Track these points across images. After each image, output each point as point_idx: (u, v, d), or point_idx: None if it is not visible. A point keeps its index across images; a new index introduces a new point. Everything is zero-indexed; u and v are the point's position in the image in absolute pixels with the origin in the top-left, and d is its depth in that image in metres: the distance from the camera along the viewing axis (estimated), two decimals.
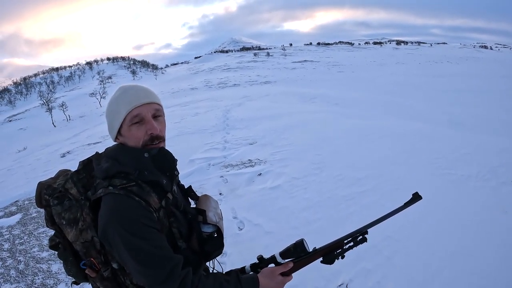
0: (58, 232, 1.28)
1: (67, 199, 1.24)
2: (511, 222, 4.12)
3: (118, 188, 1.16)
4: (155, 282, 1.12)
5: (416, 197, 1.36)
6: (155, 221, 1.17)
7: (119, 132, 1.29)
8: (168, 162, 1.31)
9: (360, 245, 1.35)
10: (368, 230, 1.34)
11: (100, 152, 1.34)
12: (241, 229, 4.43)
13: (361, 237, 1.33)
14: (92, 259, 1.21)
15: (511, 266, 3.31)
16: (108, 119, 1.32)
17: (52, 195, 1.25)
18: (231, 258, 3.72)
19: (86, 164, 1.33)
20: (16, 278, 3.84)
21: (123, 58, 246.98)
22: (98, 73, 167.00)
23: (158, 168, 1.27)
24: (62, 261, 1.31)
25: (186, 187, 1.51)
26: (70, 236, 1.23)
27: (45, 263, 4.10)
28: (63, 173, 1.37)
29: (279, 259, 1.38)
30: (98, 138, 14.46)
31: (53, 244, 1.33)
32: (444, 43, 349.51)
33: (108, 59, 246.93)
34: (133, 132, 1.26)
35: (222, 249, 1.37)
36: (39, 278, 3.80)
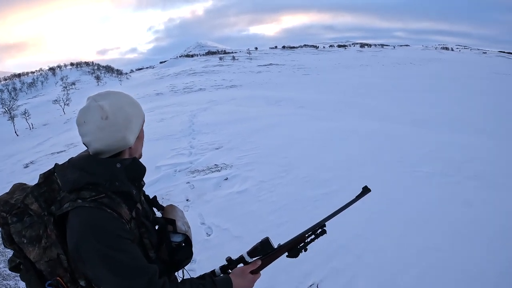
0: (18, 252, 1.18)
1: (27, 216, 1.16)
2: (475, 215, 4.32)
3: (88, 201, 1.12)
4: None
5: (365, 190, 1.51)
6: (128, 232, 1.15)
7: None
8: (139, 172, 1.28)
9: (331, 245, 1.43)
10: (325, 223, 1.46)
11: (60, 163, 1.27)
12: (210, 234, 4.41)
13: (320, 230, 1.46)
14: (58, 278, 1.15)
15: (477, 259, 3.45)
16: (126, 121, 1.22)
17: (10, 212, 1.17)
18: (200, 265, 3.68)
19: (47, 177, 1.25)
20: None
21: (87, 63, 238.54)
22: (62, 79, 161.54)
23: (129, 178, 1.23)
24: (25, 283, 1.23)
25: (151, 197, 1.49)
26: (32, 256, 1.15)
27: (12, 280, 3.89)
28: (19, 187, 1.27)
29: (247, 258, 1.43)
30: (63, 147, 13.99)
31: (14, 266, 1.24)
32: (406, 45, 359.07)
33: (72, 64, 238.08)
34: (137, 143, 1.30)
35: (191, 258, 1.38)
36: None
